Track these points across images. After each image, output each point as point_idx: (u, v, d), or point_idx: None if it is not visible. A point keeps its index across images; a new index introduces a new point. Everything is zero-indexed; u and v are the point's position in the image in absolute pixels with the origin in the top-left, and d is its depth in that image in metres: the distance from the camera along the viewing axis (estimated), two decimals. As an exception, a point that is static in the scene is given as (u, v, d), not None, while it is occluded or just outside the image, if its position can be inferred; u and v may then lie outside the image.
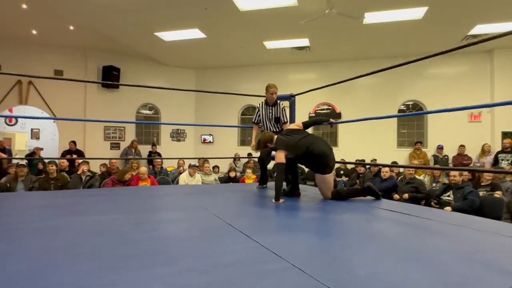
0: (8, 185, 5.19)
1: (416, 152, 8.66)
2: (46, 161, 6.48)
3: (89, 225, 1.88)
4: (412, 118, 9.21)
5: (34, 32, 7.97)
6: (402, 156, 8.91)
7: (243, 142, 10.40)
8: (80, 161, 6.30)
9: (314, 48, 8.36)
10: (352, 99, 9.40)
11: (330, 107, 9.67)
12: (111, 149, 9.68)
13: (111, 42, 8.40)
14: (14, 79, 8.65)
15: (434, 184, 6.14)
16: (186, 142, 10.70)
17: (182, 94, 10.31)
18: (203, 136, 10.51)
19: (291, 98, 4.55)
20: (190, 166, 6.38)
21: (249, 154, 8.42)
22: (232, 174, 6.89)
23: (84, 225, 1.87)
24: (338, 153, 9.24)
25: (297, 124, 3.23)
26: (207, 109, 10.45)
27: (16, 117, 10.80)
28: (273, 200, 2.73)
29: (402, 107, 9.19)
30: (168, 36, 7.59)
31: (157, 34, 7.48)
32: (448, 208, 4.53)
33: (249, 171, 7.05)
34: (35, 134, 10.99)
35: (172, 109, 10.33)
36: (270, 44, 8.09)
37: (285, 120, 3.77)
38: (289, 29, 7.07)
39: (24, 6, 6.51)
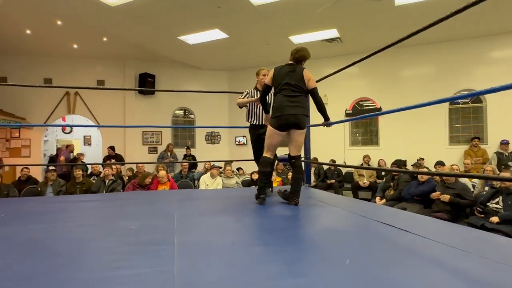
0: (39, 189, 5.57)
1: (473, 150, 7.45)
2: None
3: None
4: (468, 110, 7.96)
5: (75, 46, 8.60)
6: (455, 154, 7.74)
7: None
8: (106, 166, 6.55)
9: (346, 39, 7.68)
10: (395, 92, 8.46)
11: (370, 102, 8.83)
12: (149, 153, 10.05)
13: (144, 50, 8.71)
14: (63, 90, 9.45)
15: (486, 188, 5.13)
16: (221, 144, 10.68)
17: (216, 96, 10.35)
18: (237, 138, 10.38)
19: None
20: (213, 166, 6.25)
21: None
22: (255, 177, 6.60)
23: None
24: (379, 152, 8.50)
25: None
26: (240, 111, 10.27)
27: (64, 126, 11.78)
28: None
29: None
30: (191, 39, 7.59)
31: (180, 38, 7.51)
32: (495, 219, 3.70)
33: (273, 173, 6.70)
34: (87, 141, 11.93)
35: (206, 112, 10.39)
36: (296, 39, 7.63)
37: None
38: (311, 20, 6.57)
39: (59, 22, 7.01)
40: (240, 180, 6.83)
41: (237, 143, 10.43)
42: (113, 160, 8.53)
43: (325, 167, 8.63)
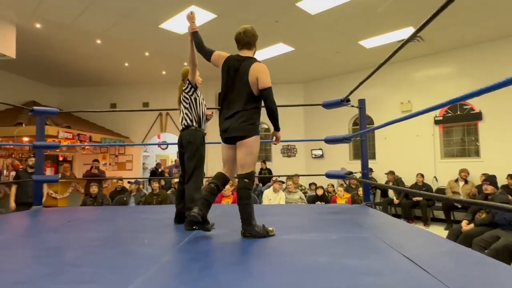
0: (124, 199, 6.42)
1: None
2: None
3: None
4: None
5: (163, 72, 9.79)
6: None
7: (356, 155, 9.34)
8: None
9: (427, 36, 6.74)
10: (499, 93, 6.96)
11: (467, 106, 7.48)
12: (228, 166, 10.57)
13: (219, 70, 9.32)
14: (157, 112, 10.82)
15: None
16: (297, 157, 10.52)
17: (291, 109, 10.31)
18: (313, 151, 10.07)
19: (344, 103, 3.74)
20: (275, 181, 6.20)
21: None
22: (320, 192, 6.25)
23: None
24: (480, 166, 7.04)
25: None
26: (316, 122, 10.01)
27: (151, 144, 13.32)
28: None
29: None
30: (258, 55, 7.75)
31: (248, 55, 7.79)
32: None
33: (340, 188, 6.24)
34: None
35: (281, 125, 10.37)
36: (367, 43, 7.07)
37: None
38: (379, 21, 6.00)
39: (147, 53, 8.10)
40: (306, 195, 6.56)
41: (313, 156, 10.12)
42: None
43: (410, 181, 7.64)
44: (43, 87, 10.61)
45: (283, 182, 6.39)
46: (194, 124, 2.62)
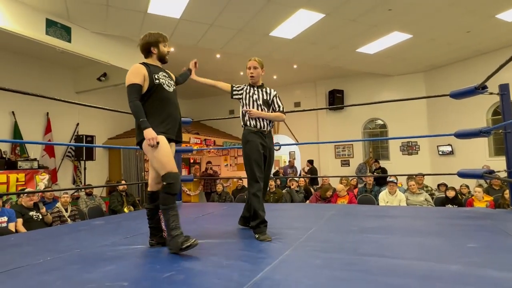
0: (245, 196, 7.00)
1: None
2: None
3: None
4: None
5: (274, 77, 10.25)
6: None
7: (498, 151, 7.81)
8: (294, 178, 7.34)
9: None
10: None
11: None
12: (341, 166, 10.31)
13: (330, 69, 9.21)
14: (269, 115, 11.39)
15: None
16: (420, 155, 9.45)
17: (411, 102, 9.36)
18: (439, 147, 8.89)
19: (480, 90, 3.21)
20: (388, 182, 5.76)
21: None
22: (451, 194, 5.47)
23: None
24: None
25: None
26: (441, 115, 8.81)
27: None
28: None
29: None
30: (371, 48, 7.36)
31: (359, 50, 7.46)
32: None
33: (478, 189, 5.35)
34: (291, 156, 13.64)
35: (400, 120, 9.57)
36: (508, 15, 5.86)
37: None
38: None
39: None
40: (433, 198, 5.86)
41: (440, 153, 8.93)
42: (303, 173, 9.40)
43: None
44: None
45: (395, 183, 5.81)
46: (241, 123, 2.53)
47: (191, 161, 11.52)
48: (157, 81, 2.02)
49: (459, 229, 2.38)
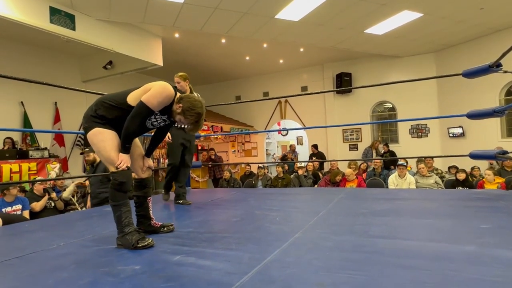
0: (253, 182, 7.03)
1: None
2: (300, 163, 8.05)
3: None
4: None
5: (281, 61, 10.10)
6: None
7: (511, 132, 7.64)
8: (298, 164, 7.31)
9: None
10: None
11: None
12: (349, 150, 10.24)
13: (338, 51, 9.03)
14: (276, 100, 11.30)
15: None
16: (430, 137, 9.32)
17: (420, 84, 9.16)
18: (450, 130, 8.73)
19: (494, 68, 3.10)
20: (397, 165, 5.71)
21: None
22: (461, 176, 5.40)
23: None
24: None
25: None
26: (452, 96, 8.61)
27: (270, 131, 13.80)
28: None
29: None
30: (379, 29, 7.16)
31: (367, 31, 7.27)
32: None
33: (489, 172, 5.27)
34: (299, 141, 13.59)
35: (409, 102, 9.39)
36: (525, -10, 5.62)
37: None
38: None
39: (265, 45, 8.50)
40: (443, 180, 5.79)
41: (451, 135, 8.78)
42: (313, 158, 9.37)
43: None
44: (183, 87, 12.45)
45: (405, 166, 5.73)
46: None
47: (199, 147, 11.56)
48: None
49: (471, 211, 2.35)
